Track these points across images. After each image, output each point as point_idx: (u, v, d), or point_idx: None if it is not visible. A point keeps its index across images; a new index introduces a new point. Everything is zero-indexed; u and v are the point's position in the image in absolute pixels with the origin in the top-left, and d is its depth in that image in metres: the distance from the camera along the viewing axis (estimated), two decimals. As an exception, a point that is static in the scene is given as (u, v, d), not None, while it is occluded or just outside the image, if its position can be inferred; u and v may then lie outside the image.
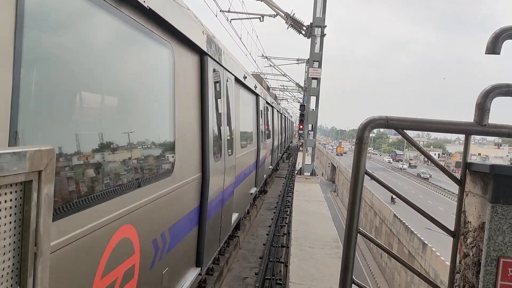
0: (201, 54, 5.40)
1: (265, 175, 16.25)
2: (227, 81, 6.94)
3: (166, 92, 4.21)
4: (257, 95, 11.54)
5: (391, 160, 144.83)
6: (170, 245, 4.25)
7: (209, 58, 5.53)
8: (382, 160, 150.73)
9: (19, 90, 1.94)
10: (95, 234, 2.63)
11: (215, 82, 6.06)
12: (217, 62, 6.04)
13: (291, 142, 54.35)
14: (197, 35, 4.93)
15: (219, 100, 6.36)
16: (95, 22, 2.80)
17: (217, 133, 6.23)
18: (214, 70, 5.95)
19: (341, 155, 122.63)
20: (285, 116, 35.14)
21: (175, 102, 4.32)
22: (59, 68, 2.46)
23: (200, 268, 5.46)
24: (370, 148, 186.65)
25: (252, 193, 12.20)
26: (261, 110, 13.10)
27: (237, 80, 7.91)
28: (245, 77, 8.95)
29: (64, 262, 2.34)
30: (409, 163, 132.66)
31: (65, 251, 2.32)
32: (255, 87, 10.83)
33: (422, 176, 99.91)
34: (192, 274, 5.15)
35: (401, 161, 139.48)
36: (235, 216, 8.57)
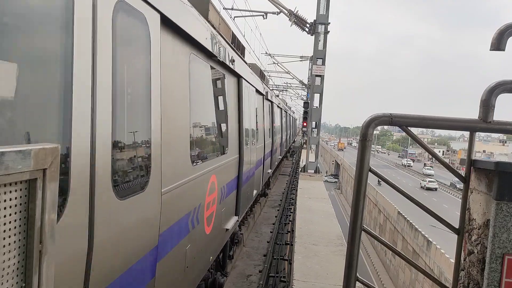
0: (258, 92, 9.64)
1: (276, 162, 20.66)
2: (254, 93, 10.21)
3: (234, 107, 7.67)
4: (271, 102, 15.85)
5: (410, 162, 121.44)
6: (226, 195, 6.93)
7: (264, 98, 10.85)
8: (391, 159, 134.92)
9: None
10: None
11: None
12: (268, 99, 10.83)
13: (294, 141, 48.52)
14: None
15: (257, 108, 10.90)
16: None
17: (253, 129, 10.04)
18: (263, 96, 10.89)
19: (342, 150, 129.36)
20: (289, 114, 34.65)
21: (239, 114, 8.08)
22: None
23: (237, 216, 8.18)
24: (378, 147, 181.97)
25: (269, 172, 15.94)
26: (274, 112, 16.71)
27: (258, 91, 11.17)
28: (266, 93, 13.81)
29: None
30: (424, 164, 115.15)
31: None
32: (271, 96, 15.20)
33: (426, 186, 74.22)
34: (234, 219, 7.91)
35: (413, 161, 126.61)
36: (255, 192, 11.29)
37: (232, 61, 6.99)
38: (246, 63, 9.80)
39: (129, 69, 3.09)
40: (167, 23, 3.75)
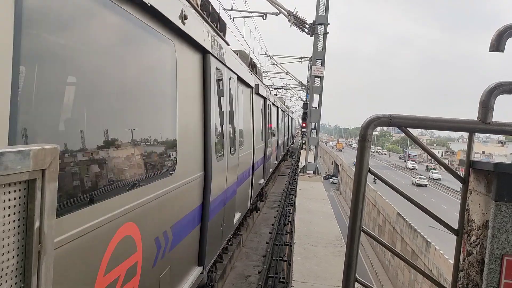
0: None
1: (271, 169, 17.38)
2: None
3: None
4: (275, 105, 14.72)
5: (415, 165, 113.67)
6: (171, 246, 4.21)
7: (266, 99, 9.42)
8: (392, 161, 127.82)
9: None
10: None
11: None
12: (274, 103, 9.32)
13: (292, 142, 44.47)
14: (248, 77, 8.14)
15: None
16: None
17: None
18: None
19: (341, 150, 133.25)
20: (287, 114, 32.83)
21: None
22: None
23: (202, 267, 5.43)
24: (378, 148, 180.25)
25: (260, 184, 12.99)
26: (268, 112, 14.04)
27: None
28: (257, 86, 11.07)
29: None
30: (427, 166, 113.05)
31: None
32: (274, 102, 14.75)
33: (417, 183, 78.37)
34: (194, 273, 5.18)
35: (415, 162, 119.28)
36: (237, 216, 8.59)
37: (185, 17, 4.14)
38: (227, 43, 7.07)
39: None
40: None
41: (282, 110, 24.62)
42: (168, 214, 4.06)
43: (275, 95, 28.43)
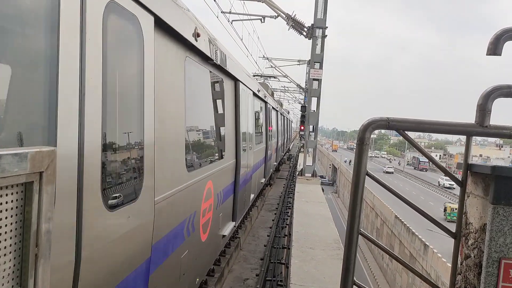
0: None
1: (271, 169, 20.10)
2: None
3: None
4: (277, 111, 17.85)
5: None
6: (223, 201, 6.89)
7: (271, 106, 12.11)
8: (401, 169, 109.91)
9: None
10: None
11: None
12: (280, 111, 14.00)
13: (289, 149, 43.24)
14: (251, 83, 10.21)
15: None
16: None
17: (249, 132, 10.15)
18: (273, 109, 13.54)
19: (335, 151, 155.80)
20: (286, 117, 33.74)
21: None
22: None
23: (235, 222, 8.22)
24: (383, 153, 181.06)
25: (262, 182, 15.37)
26: (271, 117, 16.74)
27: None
28: (265, 97, 13.81)
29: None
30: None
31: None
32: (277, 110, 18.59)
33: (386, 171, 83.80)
34: (231, 225, 7.91)
35: (426, 169, 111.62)
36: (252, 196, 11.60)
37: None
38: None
39: (121, 71, 3.00)
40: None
41: (281, 114, 26.97)
42: (221, 182, 6.60)
43: (280, 103, 29.13)
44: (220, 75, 6.62)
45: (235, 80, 7.90)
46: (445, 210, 51.44)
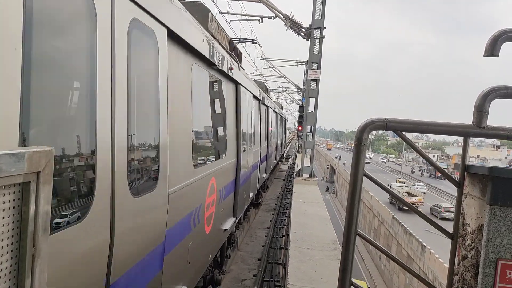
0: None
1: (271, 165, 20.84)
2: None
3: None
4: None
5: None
6: (224, 197, 7.18)
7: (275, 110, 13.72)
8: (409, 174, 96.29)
9: None
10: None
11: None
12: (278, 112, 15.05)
13: (282, 156, 36.12)
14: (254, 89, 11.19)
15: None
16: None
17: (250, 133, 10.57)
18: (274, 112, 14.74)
19: (330, 149, 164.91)
20: (281, 116, 32.12)
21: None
22: None
23: (235, 218, 8.48)
24: (391, 156, 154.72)
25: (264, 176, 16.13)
26: (271, 119, 17.67)
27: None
28: (263, 98, 14.42)
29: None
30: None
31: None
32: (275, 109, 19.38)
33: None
34: (232, 220, 8.11)
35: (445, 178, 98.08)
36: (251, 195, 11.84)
37: (231, 69, 7.23)
38: (243, 69, 9.91)
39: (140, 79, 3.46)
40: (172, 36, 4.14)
41: (280, 115, 27.57)
42: (223, 179, 6.92)
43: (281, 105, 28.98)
44: (222, 78, 6.99)
45: (236, 84, 8.30)
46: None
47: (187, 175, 4.72)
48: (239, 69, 8.54)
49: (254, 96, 11.46)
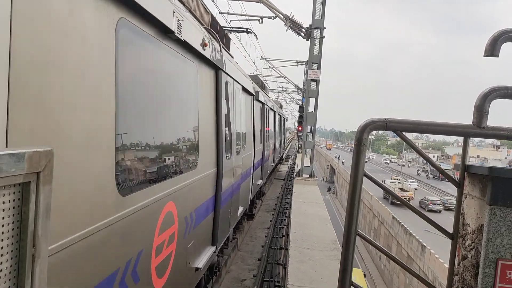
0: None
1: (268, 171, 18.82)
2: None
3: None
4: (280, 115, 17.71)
5: None
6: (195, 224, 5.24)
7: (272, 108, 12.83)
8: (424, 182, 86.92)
9: None
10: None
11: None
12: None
13: (280, 158, 32.54)
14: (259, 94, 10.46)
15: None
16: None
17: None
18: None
19: (329, 149, 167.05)
20: (280, 115, 30.49)
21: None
22: None
23: (215, 247, 6.45)
24: (393, 157, 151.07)
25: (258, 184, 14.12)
26: (269, 120, 16.33)
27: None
28: (257, 93, 12.27)
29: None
30: None
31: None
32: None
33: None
34: (210, 251, 6.19)
35: None
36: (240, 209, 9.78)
37: (204, 44, 5.09)
38: (232, 56, 8.28)
39: None
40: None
41: (279, 115, 25.95)
42: (190, 202, 4.96)
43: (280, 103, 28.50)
44: (188, 56, 4.85)
45: (216, 69, 6.28)
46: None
47: (103, 210, 2.67)
48: (220, 50, 6.39)
49: (245, 90, 9.52)
